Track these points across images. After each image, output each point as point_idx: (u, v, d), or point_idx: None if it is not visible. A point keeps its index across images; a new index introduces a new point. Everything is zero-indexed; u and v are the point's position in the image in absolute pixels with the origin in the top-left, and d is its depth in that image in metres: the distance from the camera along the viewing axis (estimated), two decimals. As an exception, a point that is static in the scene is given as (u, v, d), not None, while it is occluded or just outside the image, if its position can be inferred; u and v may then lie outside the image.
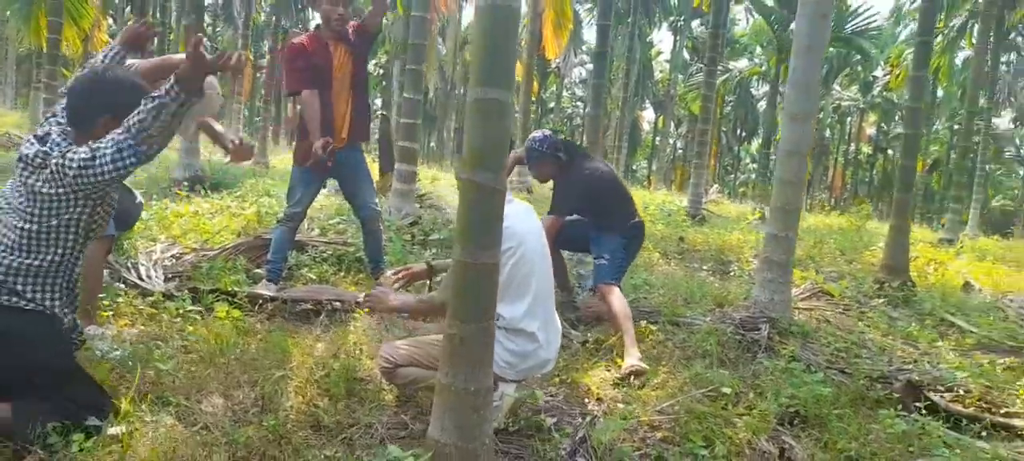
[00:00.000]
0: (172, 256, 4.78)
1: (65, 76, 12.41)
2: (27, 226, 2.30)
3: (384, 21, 4.22)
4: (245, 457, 2.43)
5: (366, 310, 4.04)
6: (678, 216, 10.87)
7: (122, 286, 4.01)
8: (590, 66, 38.73)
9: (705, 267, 7.06)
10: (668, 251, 7.56)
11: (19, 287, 2.31)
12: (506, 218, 2.43)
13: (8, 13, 20.34)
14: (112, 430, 2.34)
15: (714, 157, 34.04)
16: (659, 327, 4.28)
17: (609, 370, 3.68)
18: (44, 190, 2.29)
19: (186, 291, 3.99)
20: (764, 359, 3.94)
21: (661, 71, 39.13)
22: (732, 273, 6.80)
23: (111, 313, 3.57)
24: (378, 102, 34.17)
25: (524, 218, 3.08)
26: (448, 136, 40.04)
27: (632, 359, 3.65)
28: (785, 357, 3.90)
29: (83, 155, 2.26)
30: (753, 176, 41.62)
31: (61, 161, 2.27)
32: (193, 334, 3.42)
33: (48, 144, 2.35)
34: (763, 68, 22.24)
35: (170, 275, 4.39)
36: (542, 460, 2.67)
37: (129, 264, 4.38)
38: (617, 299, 4.00)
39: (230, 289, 4.08)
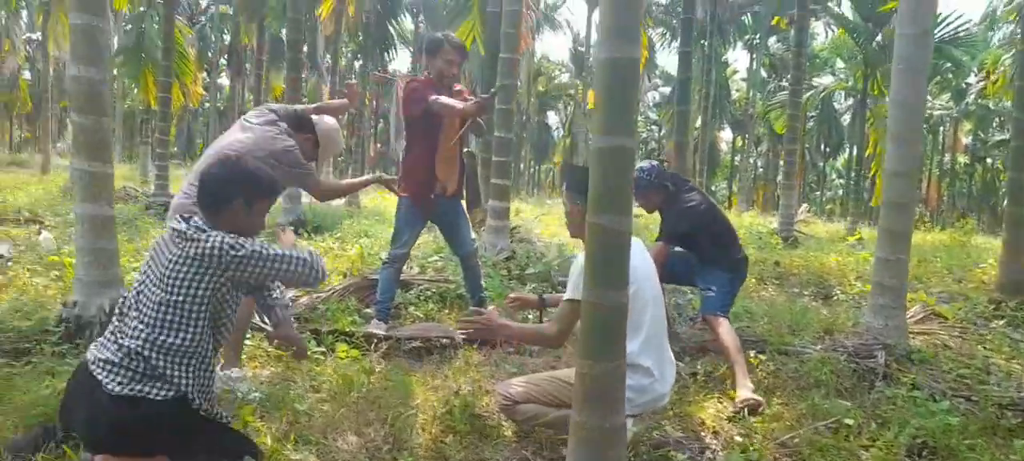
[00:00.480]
0: (289, 298, 5.04)
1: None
2: (163, 296, 2.30)
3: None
4: (386, 493, 2.57)
5: (473, 341, 4.15)
6: (769, 239, 10.63)
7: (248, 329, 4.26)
8: (663, 90, 38.62)
9: (806, 292, 6.88)
10: (764, 276, 7.41)
11: (161, 364, 2.29)
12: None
13: (115, 72, 22.00)
14: (264, 470, 2.52)
15: (800, 175, 33.05)
16: (767, 357, 4.23)
17: (721, 402, 3.66)
18: (190, 260, 2.31)
19: (308, 332, 4.21)
20: (883, 388, 3.83)
21: (738, 90, 38.46)
22: (835, 298, 6.61)
23: (244, 355, 3.82)
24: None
25: (637, 254, 3.13)
26: (524, 167, 40.40)
27: (745, 391, 3.62)
28: (905, 385, 3.78)
29: (257, 247, 2.36)
30: (840, 192, 40.08)
31: (226, 241, 2.32)
32: (320, 374, 3.61)
33: (192, 223, 2.39)
34: (849, 83, 21.45)
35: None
36: (668, 495, 2.69)
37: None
38: (726, 330, 3.98)
39: (348, 330, 4.29)
